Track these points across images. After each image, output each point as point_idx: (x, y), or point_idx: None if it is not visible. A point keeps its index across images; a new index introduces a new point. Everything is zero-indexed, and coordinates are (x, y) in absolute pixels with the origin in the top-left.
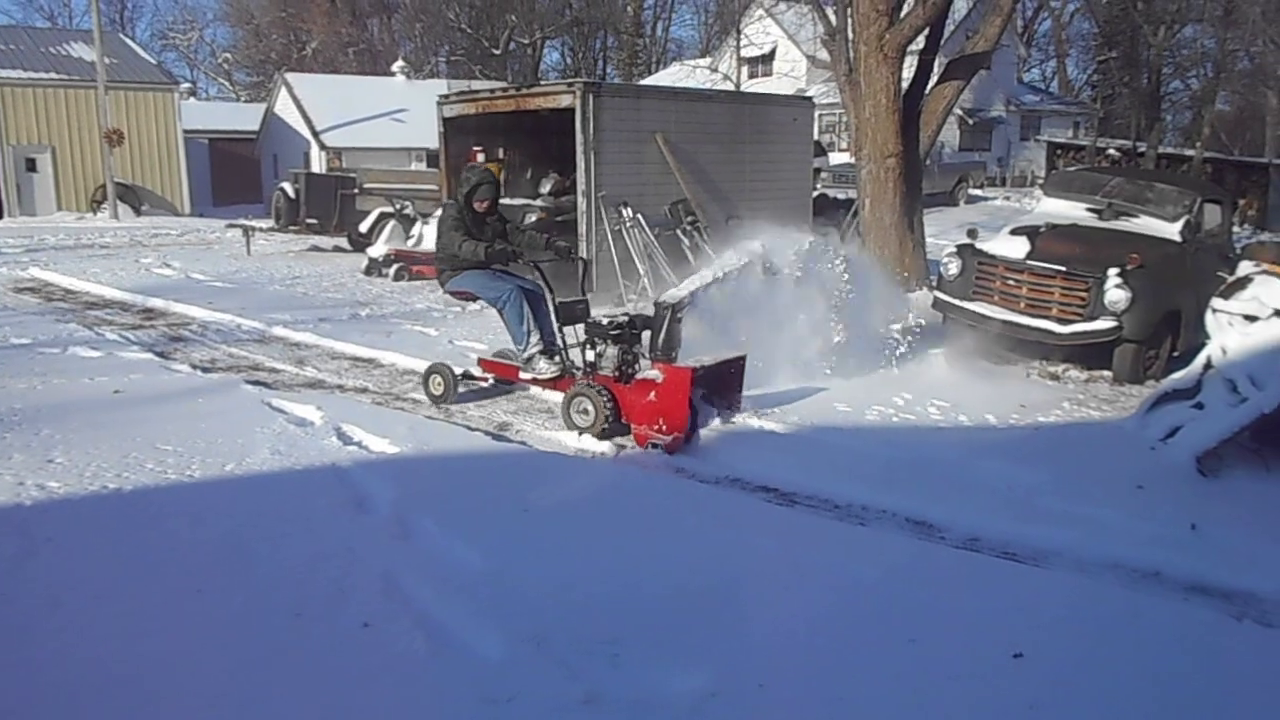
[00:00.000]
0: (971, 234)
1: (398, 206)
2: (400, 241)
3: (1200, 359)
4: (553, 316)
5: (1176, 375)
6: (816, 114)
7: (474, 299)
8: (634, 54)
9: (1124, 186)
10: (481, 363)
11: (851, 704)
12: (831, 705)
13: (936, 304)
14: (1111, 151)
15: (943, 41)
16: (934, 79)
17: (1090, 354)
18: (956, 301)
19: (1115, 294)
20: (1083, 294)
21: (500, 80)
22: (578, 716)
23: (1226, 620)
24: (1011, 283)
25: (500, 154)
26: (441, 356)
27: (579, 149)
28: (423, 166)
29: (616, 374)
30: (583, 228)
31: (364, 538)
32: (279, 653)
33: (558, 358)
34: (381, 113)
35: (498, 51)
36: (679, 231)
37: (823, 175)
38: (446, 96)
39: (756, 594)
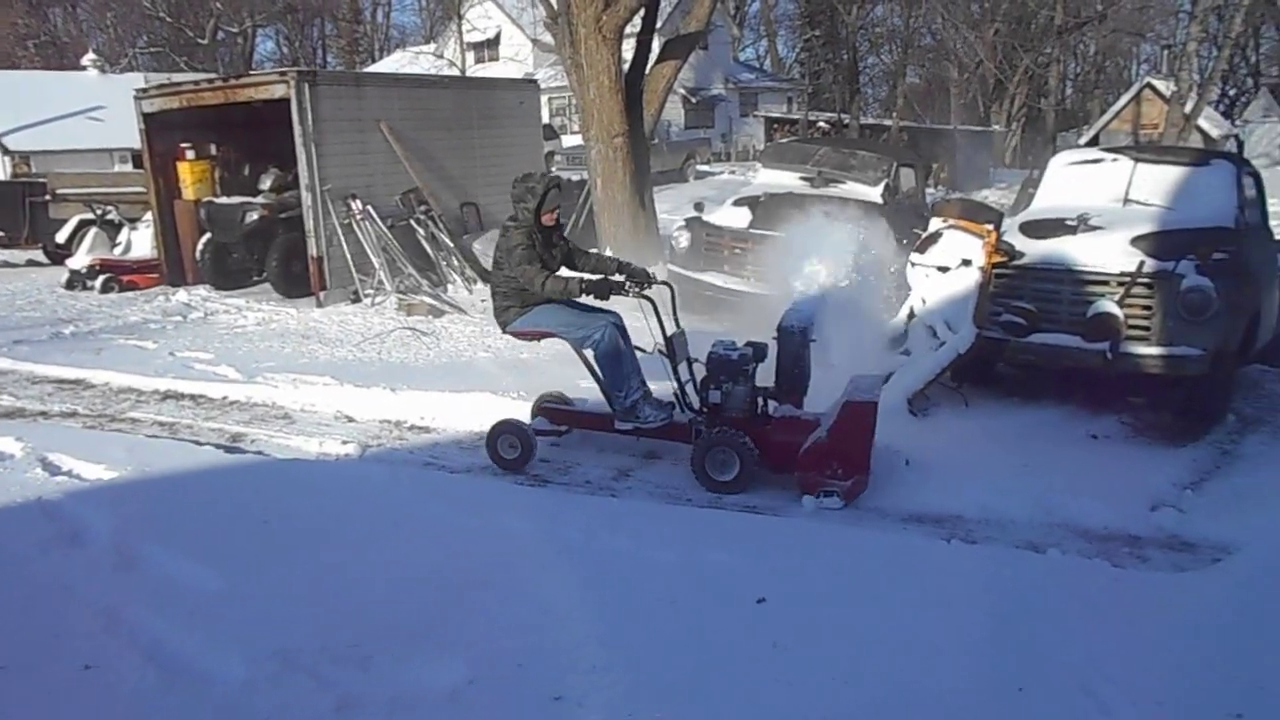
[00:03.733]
0: (698, 207)
1: (99, 212)
2: (105, 250)
3: (904, 309)
4: (676, 355)
5: (887, 326)
6: (546, 97)
7: (536, 339)
8: (354, 41)
9: (830, 155)
10: (548, 413)
11: (609, 670)
12: (590, 675)
13: (670, 276)
14: (821, 124)
15: (660, 23)
16: (653, 59)
17: None
18: (689, 273)
19: (833, 257)
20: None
21: (211, 72)
22: None
23: (937, 542)
24: (738, 251)
25: (213, 150)
26: (162, 372)
27: (298, 141)
28: (128, 168)
29: (747, 415)
30: (310, 223)
31: (82, 573)
32: None
33: (669, 403)
34: (74, 111)
35: (204, 41)
36: (413, 221)
37: (556, 158)
38: (145, 90)
39: (512, 576)
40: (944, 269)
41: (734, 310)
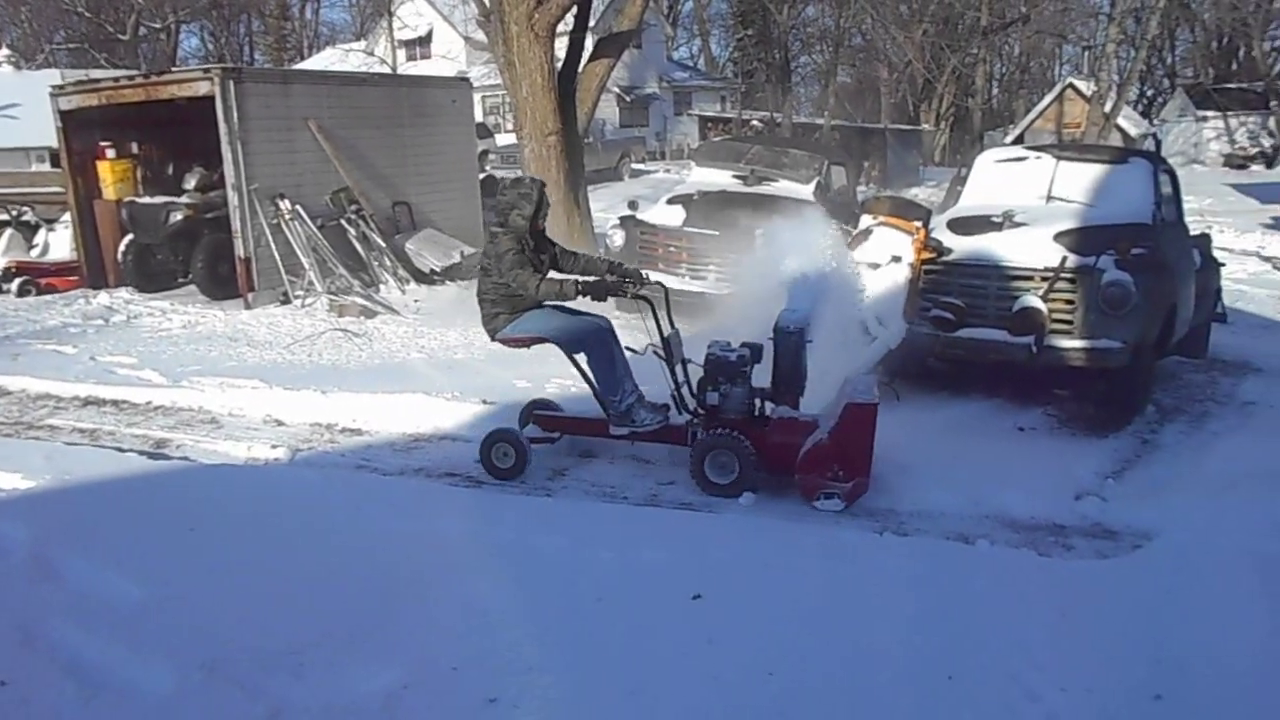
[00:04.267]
0: (633, 205)
1: (14, 213)
2: (21, 252)
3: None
4: (673, 356)
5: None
6: (480, 95)
7: (526, 345)
8: (282, 38)
9: (763, 154)
10: (540, 420)
11: (544, 671)
12: (525, 676)
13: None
14: (755, 122)
15: (593, 22)
16: (586, 57)
17: None
18: None
19: (766, 253)
20: (736, 255)
21: (133, 69)
22: None
23: (869, 535)
24: (673, 249)
25: (134, 149)
26: (83, 377)
27: (223, 140)
28: (45, 167)
29: (744, 417)
30: (236, 224)
31: None
32: None
33: (663, 405)
34: None
35: (125, 37)
36: (344, 221)
37: (491, 157)
38: (61, 87)
39: (446, 579)
40: (875, 265)
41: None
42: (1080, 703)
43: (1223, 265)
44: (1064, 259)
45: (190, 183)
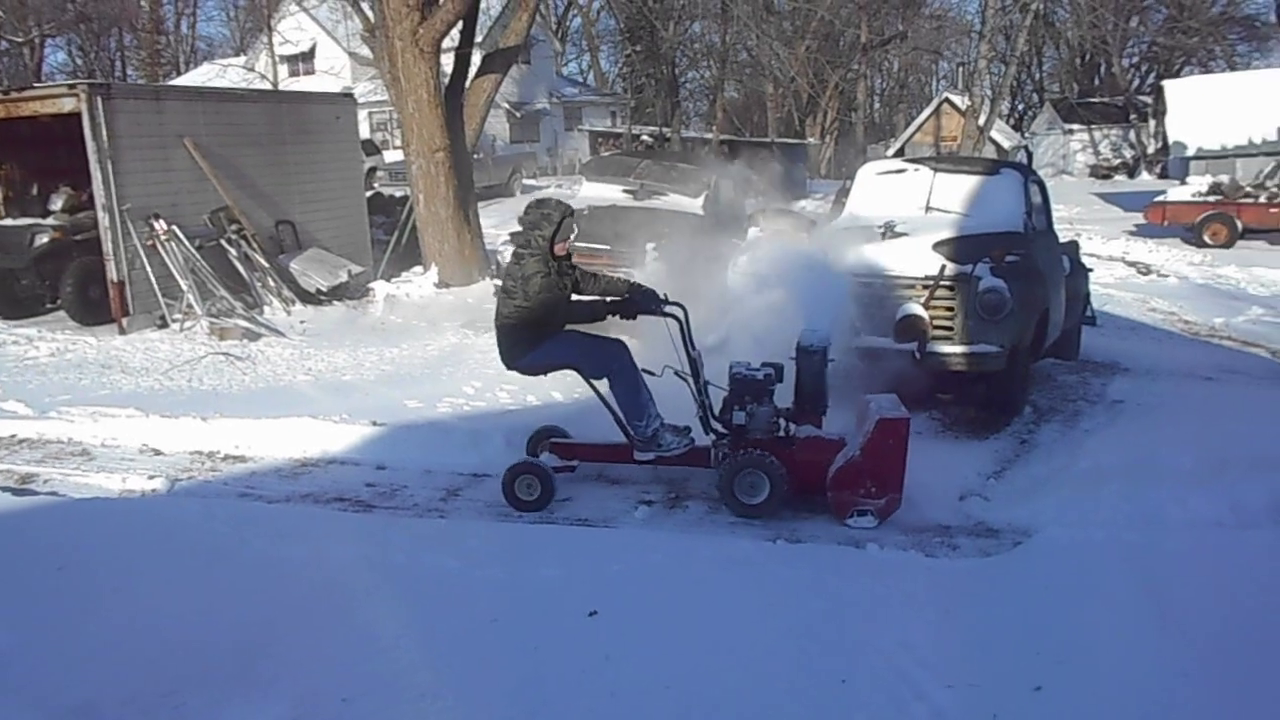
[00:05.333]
0: None
1: None
2: None
3: (729, 316)
4: (699, 376)
5: (711, 336)
6: (366, 111)
7: (544, 373)
8: (156, 53)
9: (652, 169)
10: (559, 448)
11: (438, 697)
12: (418, 703)
13: (498, 291)
14: (645, 137)
15: (480, 37)
16: (473, 73)
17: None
18: None
19: (654, 267)
20: (627, 269)
21: None
22: None
23: (763, 544)
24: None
25: None
26: None
27: (92, 159)
28: None
29: (770, 436)
30: (108, 246)
31: None
32: None
33: (685, 428)
34: None
35: None
36: (224, 241)
37: (379, 174)
38: None
39: (335, 607)
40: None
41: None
42: (966, 698)
43: (1091, 271)
44: (943, 267)
45: (57, 204)
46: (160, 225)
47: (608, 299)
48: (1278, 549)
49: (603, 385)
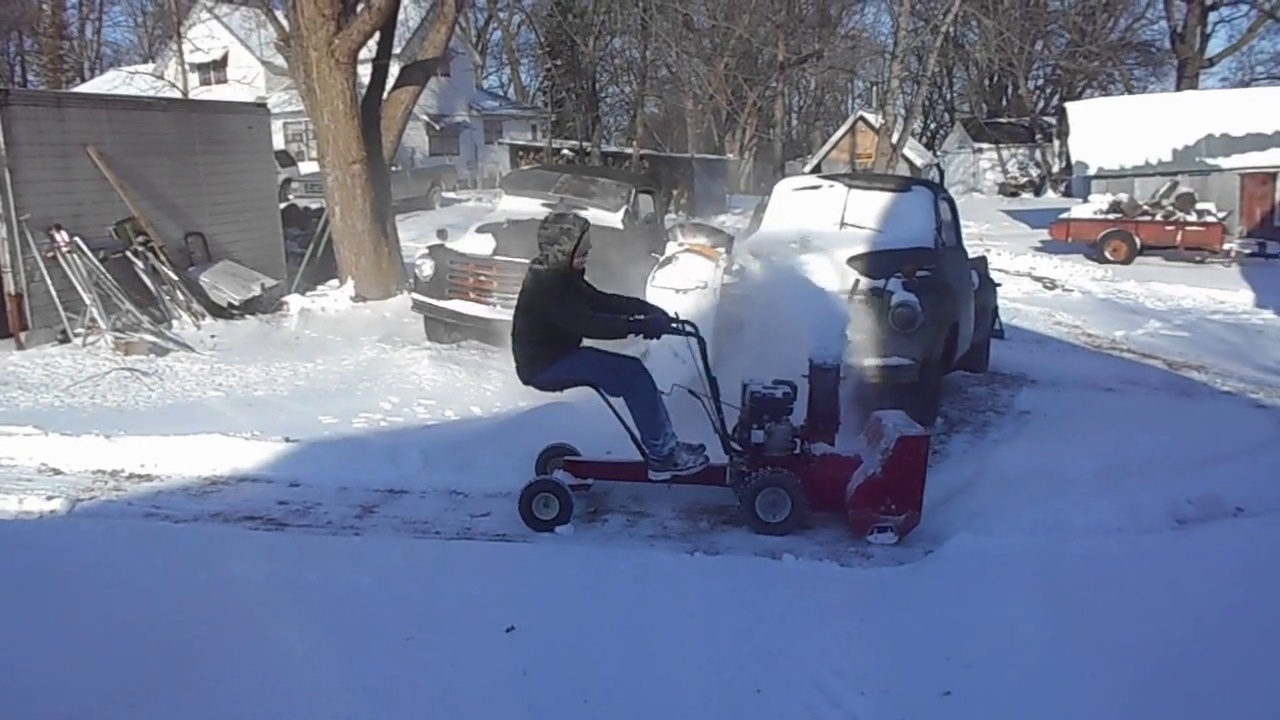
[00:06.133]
0: (441, 234)
1: None
2: None
3: None
4: (718, 395)
5: (630, 351)
6: (281, 122)
7: (560, 389)
8: (59, 58)
9: (572, 182)
10: (572, 467)
11: (351, 717)
12: None
13: (415, 305)
14: (565, 151)
15: (399, 49)
16: (391, 84)
17: None
18: (433, 301)
19: None
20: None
21: None
22: None
23: (681, 556)
24: (483, 279)
25: None
26: None
27: None
28: None
29: (788, 454)
30: (5, 257)
31: None
32: None
33: (700, 446)
34: None
35: None
36: (130, 253)
37: (294, 185)
38: None
39: (247, 629)
40: (681, 291)
41: (482, 337)
42: (878, 704)
43: (999, 285)
44: (856, 282)
45: None
46: (62, 236)
47: (634, 317)
48: (1174, 552)
49: (618, 402)
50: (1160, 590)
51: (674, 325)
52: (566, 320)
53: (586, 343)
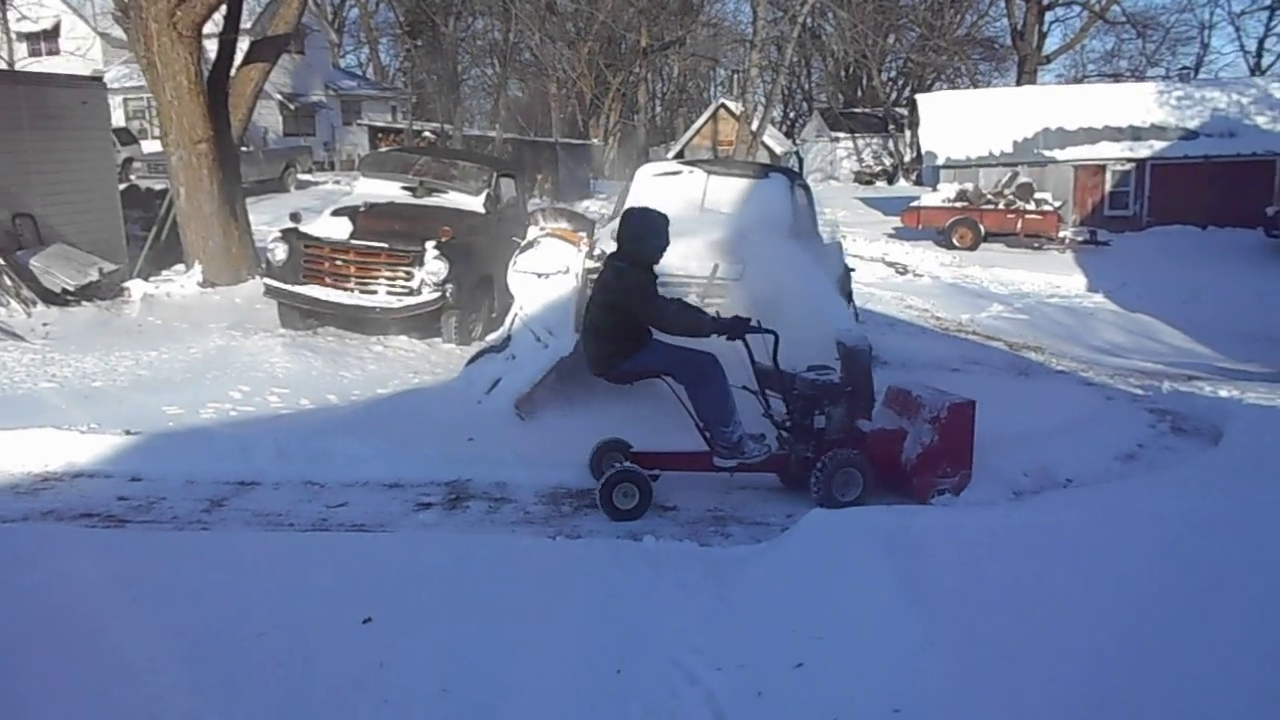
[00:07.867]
0: (294, 217)
1: None
2: None
3: (510, 315)
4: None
5: (493, 334)
6: (120, 98)
7: (631, 381)
8: None
9: (432, 165)
10: (640, 458)
11: (197, 718)
12: None
13: (268, 291)
14: (427, 133)
15: (250, 23)
16: (239, 60)
17: (421, 324)
18: (287, 286)
19: (434, 265)
20: (407, 268)
21: None
22: None
23: (543, 541)
24: (339, 263)
25: None
26: None
27: None
28: None
29: (846, 435)
30: None
31: None
32: None
33: (762, 434)
34: None
35: None
36: None
37: (136, 165)
38: None
39: (81, 633)
40: (543, 275)
41: (339, 323)
42: (734, 678)
43: (854, 271)
44: (715, 266)
45: None
46: None
47: (717, 315)
48: (1010, 523)
49: (693, 392)
50: (999, 559)
51: (754, 326)
52: (654, 316)
53: (659, 336)
